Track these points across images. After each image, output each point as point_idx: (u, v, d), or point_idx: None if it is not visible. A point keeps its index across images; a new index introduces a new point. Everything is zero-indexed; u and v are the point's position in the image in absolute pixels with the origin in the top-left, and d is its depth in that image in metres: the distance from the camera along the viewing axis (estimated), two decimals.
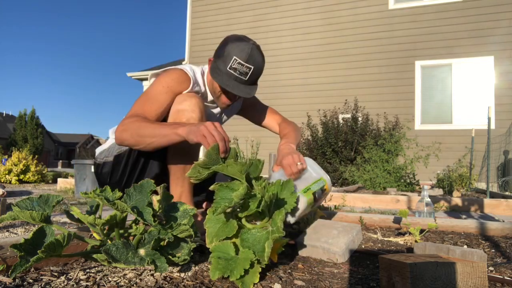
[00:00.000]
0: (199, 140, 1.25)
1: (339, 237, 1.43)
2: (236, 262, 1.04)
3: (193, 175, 1.24)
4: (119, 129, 1.43)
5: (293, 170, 1.45)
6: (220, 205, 1.10)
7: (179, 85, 1.54)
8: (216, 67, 1.55)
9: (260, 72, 1.57)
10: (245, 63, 1.50)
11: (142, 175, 1.63)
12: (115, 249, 1.06)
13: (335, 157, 7.39)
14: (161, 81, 1.53)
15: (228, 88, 1.52)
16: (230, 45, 1.52)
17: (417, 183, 5.68)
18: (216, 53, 1.58)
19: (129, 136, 1.41)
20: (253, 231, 1.14)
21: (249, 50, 1.50)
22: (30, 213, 1.05)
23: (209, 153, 1.19)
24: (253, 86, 1.59)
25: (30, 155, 7.07)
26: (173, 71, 1.57)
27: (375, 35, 9.07)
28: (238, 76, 1.51)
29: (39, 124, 27.54)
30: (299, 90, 9.60)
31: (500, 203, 3.46)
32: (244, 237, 1.12)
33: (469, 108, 8.34)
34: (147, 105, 1.48)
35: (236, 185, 1.17)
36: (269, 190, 1.16)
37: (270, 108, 2.00)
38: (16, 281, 0.99)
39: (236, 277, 0.98)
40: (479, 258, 1.27)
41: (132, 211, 1.08)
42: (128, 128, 1.41)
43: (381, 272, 1.04)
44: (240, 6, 10.52)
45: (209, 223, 1.15)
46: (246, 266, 1.00)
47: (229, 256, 1.07)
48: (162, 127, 1.38)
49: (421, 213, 2.55)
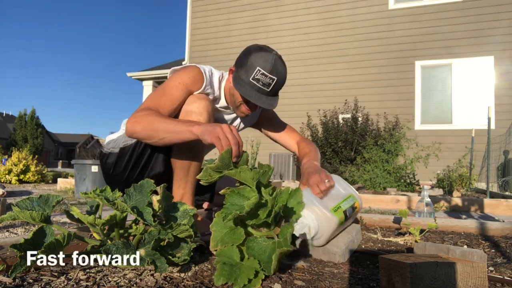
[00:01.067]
0: (213, 141, 1.23)
1: (339, 237, 1.44)
2: (241, 269, 1.04)
3: (204, 178, 1.22)
4: (130, 121, 1.40)
5: (321, 188, 1.41)
6: (230, 212, 1.09)
7: (194, 84, 1.53)
8: (238, 77, 1.53)
9: (283, 83, 1.55)
10: (269, 74, 1.47)
11: (144, 170, 1.63)
12: (115, 249, 1.06)
13: (335, 157, 7.40)
14: (177, 77, 1.51)
15: (251, 99, 1.49)
16: (253, 55, 1.50)
17: (417, 183, 5.68)
18: (238, 63, 1.55)
19: (141, 129, 1.38)
20: (259, 240, 1.13)
21: (273, 61, 1.47)
22: (30, 213, 1.05)
23: (222, 156, 1.17)
24: (275, 98, 1.57)
25: (30, 155, 7.06)
26: (191, 69, 1.55)
27: (375, 35, 9.07)
28: (260, 87, 1.49)
29: (39, 124, 27.53)
30: (299, 90, 9.60)
31: (500, 203, 3.46)
32: (250, 245, 1.12)
33: (469, 108, 8.34)
34: (161, 100, 1.46)
35: (246, 191, 1.16)
36: (279, 201, 1.16)
37: (289, 126, 1.95)
38: (16, 281, 0.99)
39: (239, 286, 0.99)
40: (479, 258, 1.27)
41: (132, 211, 1.08)
42: (140, 120, 1.38)
43: (381, 272, 1.04)
44: (240, 6, 10.52)
45: (216, 226, 1.15)
46: (250, 276, 1.01)
47: (233, 262, 1.06)
48: (177, 123, 1.36)
49: (421, 213, 2.55)
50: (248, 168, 1.16)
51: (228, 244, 1.10)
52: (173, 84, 1.49)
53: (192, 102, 1.50)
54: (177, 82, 1.50)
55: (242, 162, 1.23)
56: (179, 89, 1.48)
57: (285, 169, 8.82)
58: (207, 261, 1.28)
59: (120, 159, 1.65)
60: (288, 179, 8.60)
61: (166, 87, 1.50)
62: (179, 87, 1.49)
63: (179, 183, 1.55)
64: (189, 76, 1.52)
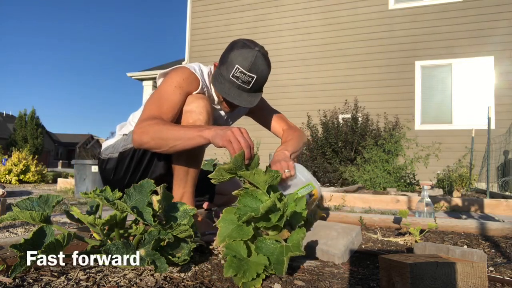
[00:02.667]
0: (224, 145, 1.24)
1: (338, 239, 1.43)
2: (249, 264, 1.05)
3: (216, 177, 1.24)
4: (137, 132, 1.41)
5: None
6: (245, 213, 1.10)
7: (190, 85, 1.53)
8: (219, 73, 1.53)
9: (264, 80, 1.54)
10: (248, 72, 1.47)
11: (146, 173, 1.63)
12: (115, 249, 1.06)
13: (335, 157, 7.39)
14: (172, 81, 1.51)
15: (229, 98, 1.50)
16: (234, 52, 1.49)
17: (417, 183, 5.68)
18: (221, 59, 1.55)
19: (150, 139, 1.38)
20: (267, 241, 1.15)
21: (252, 59, 1.46)
22: (30, 213, 1.05)
23: (235, 159, 1.19)
24: (256, 94, 1.56)
25: (30, 155, 7.06)
26: (183, 70, 1.55)
27: (375, 35, 9.07)
28: (240, 84, 1.49)
29: (39, 124, 27.54)
30: (299, 90, 9.61)
31: (500, 203, 3.46)
32: (259, 245, 1.14)
33: (469, 108, 8.33)
34: (163, 107, 1.46)
35: (259, 194, 1.18)
36: (290, 207, 1.18)
37: (279, 114, 1.95)
38: (16, 281, 0.99)
39: (248, 279, 1.00)
40: (479, 258, 1.27)
41: (132, 211, 1.08)
42: (147, 130, 1.38)
43: (381, 272, 1.04)
44: (240, 6, 10.52)
45: (223, 223, 1.16)
46: (259, 270, 1.03)
47: (241, 257, 1.08)
48: (186, 130, 1.37)
49: (421, 213, 2.55)
50: (262, 171, 1.18)
51: (236, 239, 1.11)
52: (169, 89, 1.49)
53: (191, 102, 1.50)
54: (173, 86, 1.49)
55: (254, 164, 1.25)
56: (178, 94, 1.48)
57: None
58: (207, 261, 1.29)
59: (120, 163, 1.65)
60: None
61: (163, 92, 1.49)
62: (176, 91, 1.48)
63: (179, 183, 1.55)
64: (184, 78, 1.52)
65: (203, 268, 1.21)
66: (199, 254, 1.35)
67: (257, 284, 1.03)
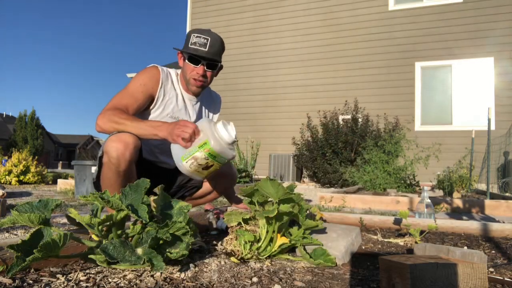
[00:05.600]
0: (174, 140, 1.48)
1: (339, 240, 1.43)
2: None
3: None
4: (99, 118, 1.60)
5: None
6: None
7: (153, 84, 1.73)
8: (183, 51, 1.75)
9: (218, 44, 1.73)
10: (202, 34, 1.70)
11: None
12: (112, 248, 1.06)
13: (335, 158, 7.39)
14: (138, 79, 1.72)
15: (195, 46, 1.68)
16: (190, 31, 1.76)
17: (417, 184, 5.68)
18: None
19: (109, 126, 1.59)
20: None
21: (205, 29, 1.73)
22: (29, 216, 1.05)
23: None
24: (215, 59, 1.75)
25: (30, 156, 7.05)
26: (149, 70, 1.76)
27: (375, 36, 9.08)
28: (199, 48, 1.69)
29: (39, 125, 27.53)
30: (299, 91, 9.61)
31: (500, 204, 3.46)
32: None
33: (469, 109, 8.33)
34: (126, 100, 1.66)
35: None
36: None
37: None
38: (16, 282, 0.98)
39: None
40: (479, 259, 1.26)
41: (127, 208, 1.08)
42: (109, 118, 1.59)
43: (381, 273, 1.04)
44: (240, 7, 10.53)
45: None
46: None
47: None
48: (141, 124, 1.57)
49: (421, 214, 2.54)
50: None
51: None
52: (134, 86, 1.70)
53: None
54: (138, 83, 1.70)
55: None
56: (140, 92, 1.69)
57: (285, 170, 8.82)
58: (207, 262, 1.28)
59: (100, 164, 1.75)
60: (288, 180, 8.60)
61: (129, 88, 1.70)
62: (139, 89, 1.69)
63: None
64: (148, 77, 1.73)
65: (203, 268, 1.21)
66: (199, 255, 1.35)
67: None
